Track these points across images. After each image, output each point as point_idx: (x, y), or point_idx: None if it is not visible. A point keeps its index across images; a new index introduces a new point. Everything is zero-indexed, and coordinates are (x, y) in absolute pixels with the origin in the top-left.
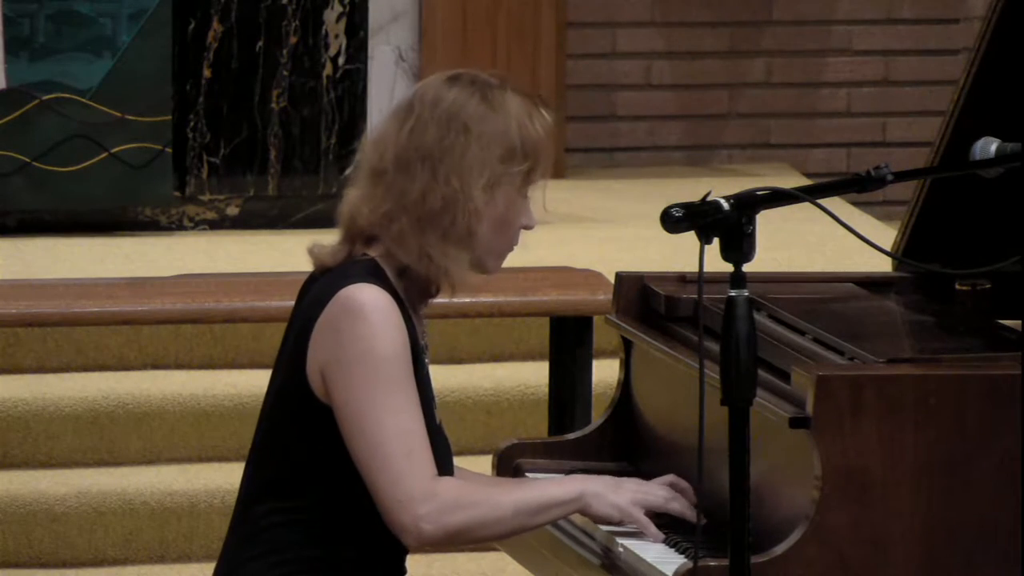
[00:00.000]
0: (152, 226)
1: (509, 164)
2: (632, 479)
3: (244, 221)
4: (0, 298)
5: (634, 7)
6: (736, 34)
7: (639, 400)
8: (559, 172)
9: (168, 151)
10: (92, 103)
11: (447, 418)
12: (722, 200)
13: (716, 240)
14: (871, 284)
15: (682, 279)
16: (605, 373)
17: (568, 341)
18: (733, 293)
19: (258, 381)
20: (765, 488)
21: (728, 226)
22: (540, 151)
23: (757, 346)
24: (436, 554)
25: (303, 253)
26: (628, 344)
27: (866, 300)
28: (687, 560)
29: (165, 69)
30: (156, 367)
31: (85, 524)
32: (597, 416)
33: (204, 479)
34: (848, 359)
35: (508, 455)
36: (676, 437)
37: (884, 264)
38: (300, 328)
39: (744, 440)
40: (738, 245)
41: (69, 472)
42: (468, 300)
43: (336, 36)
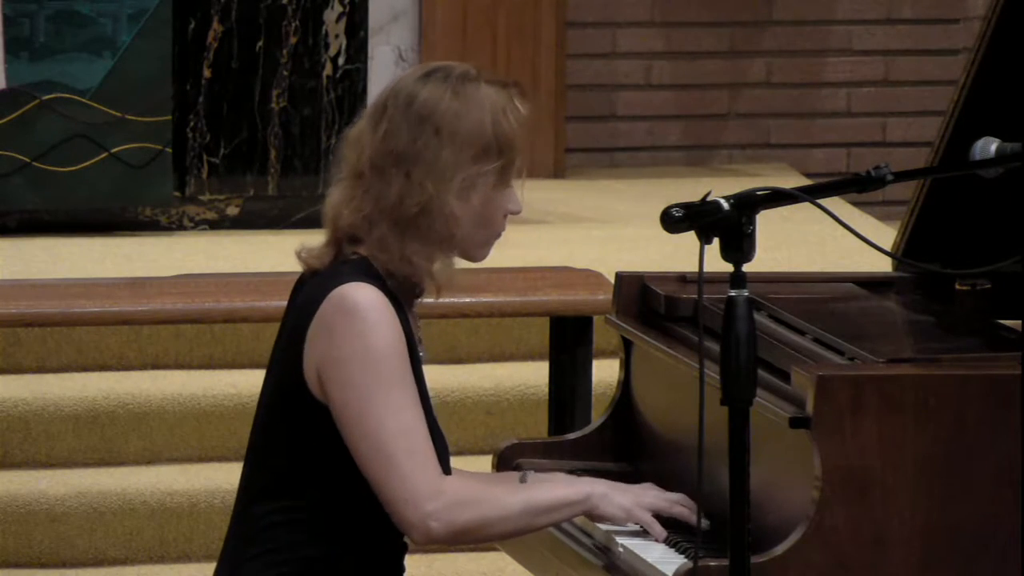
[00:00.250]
0: (152, 226)
1: (483, 162)
2: (639, 485)
3: (244, 221)
4: (0, 298)
5: (634, 7)
6: (736, 34)
7: (639, 400)
8: (559, 172)
9: (168, 151)
10: (92, 103)
11: (447, 418)
12: (722, 200)
13: (716, 240)
14: (871, 284)
15: (682, 279)
16: (605, 373)
17: (568, 341)
18: (733, 293)
19: (258, 381)
20: (765, 488)
21: (728, 226)
22: (515, 145)
23: (757, 346)
24: (436, 554)
25: None
26: (628, 344)
27: (866, 300)
28: (687, 560)
29: (165, 69)
30: (156, 367)
31: (85, 524)
32: (597, 416)
33: (204, 479)
34: (848, 359)
35: (508, 455)
36: (676, 437)
37: (884, 264)
38: (294, 328)
39: (744, 440)
40: (738, 245)
41: (69, 472)
42: (468, 300)
43: (336, 36)
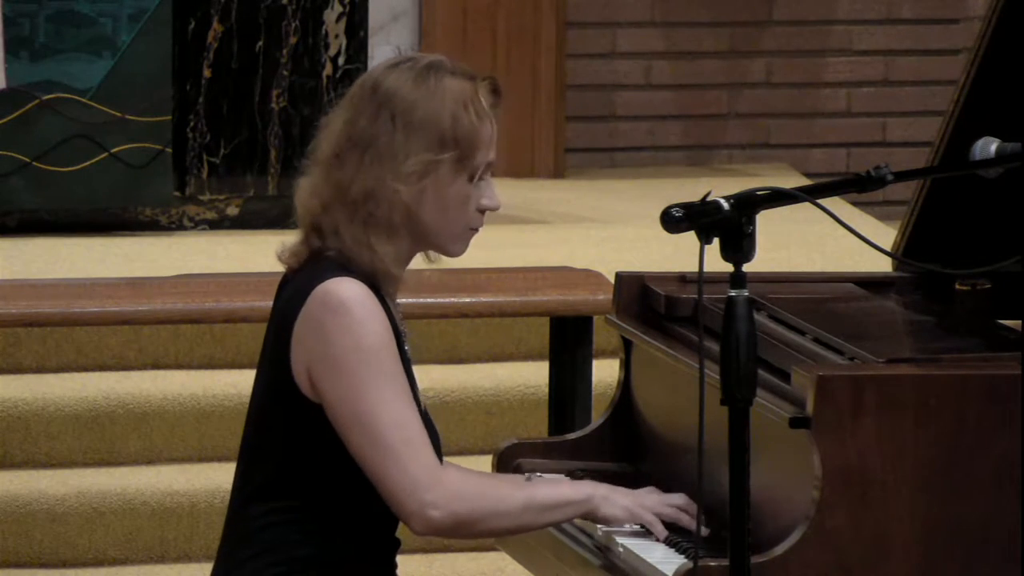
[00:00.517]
0: (152, 226)
1: (436, 151)
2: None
3: (244, 221)
4: (0, 298)
5: (634, 7)
6: (736, 34)
7: (639, 400)
8: (559, 172)
9: (168, 151)
10: (92, 103)
11: (447, 418)
12: (722, 200)
13: (716, 240)
14: (871, 284)
15: (682, 279)
16: (605, 373)
17: (568, 341)
18: (733, 293)
19: None
20: (765, 488)
21: (728, 226)
22: (474, 138)
23: (757, 346)
24: (436, 554)
25: None
26: (628, 344)
27: (866, 300)
28: (687, 560)
29: (165, 69)
30: (156, 367)
31: (85, 524)
32: (597, 416)
33: (204, 479)
34: (848, 359)
35: (508, 455)
36: (676, 437)
37: (884, 264)
38: (279, 329)
39: (744, 440)
40: (738, 245)
41: (69, 472)
42: (468, 300)
43: (336, 36)
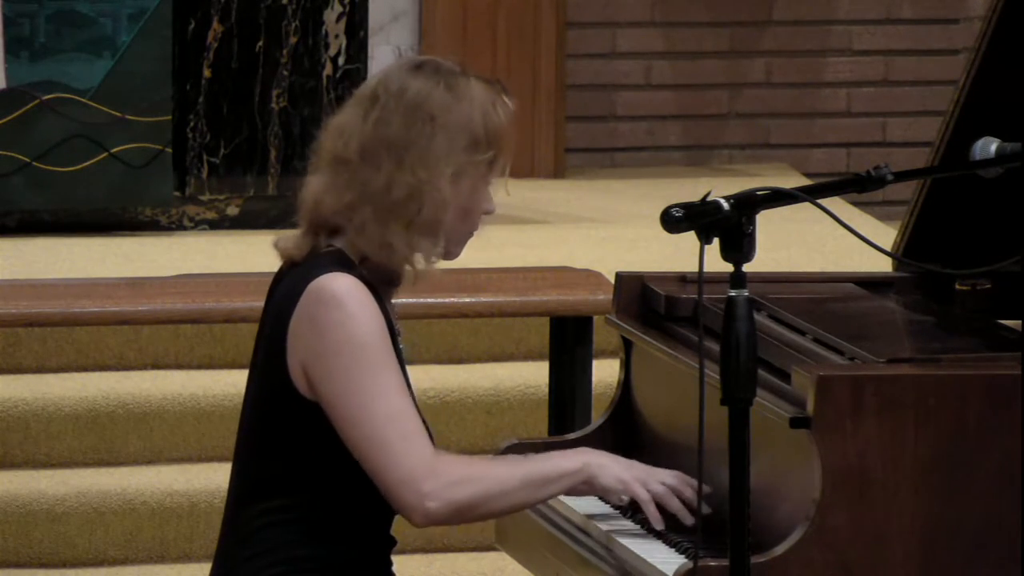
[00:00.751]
0: (152, 226)
1: (474, 153)
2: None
3: (244, 221)
4: (0, 298)
5: (634, 7)
6: (736, 34)
7: (639, 400)
8: (559, 172)
9: (168, 151)
10: (92, 103)
11: (447, 418)
12: (722, 200)
13: (716, 240)
14: (871, 284)
15: (682, 279)
16: (605, 373)
17: (568, 341)
18: (733, 293)
19: None
20: (765, 488)
21: (728, 226)
22: (503, 139)
23: (757, 346)
24: (436, 553)
25: None
26: (628, 344)
27: (866, 300)
28: (687, 560)
29: (165, 69)
30: (156, 367)
31: (85, 524)
32: (597, 416)
33: (204, 479)
34: (848, 359)
35: (508, 455)
36: (676, 437)
37: (884, 264)
38: (274, 325)
39: (744, 440)
40: (738, 245)
41: (69, 472)
42: (468, 300)
43: (336, 36)
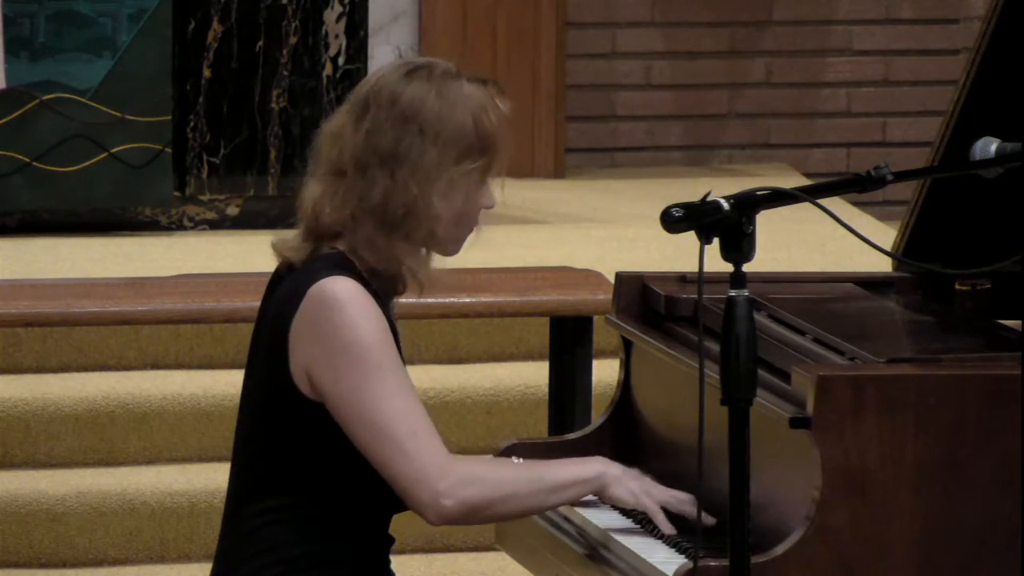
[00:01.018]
0: (152, 226)
1: (466, 162)
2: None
3: (244, 221)
4: (0, 298)
5: (634, 7)
6: (736, 34)
7: (639, 400)
8: (559, 172)
9: (168, 151)
10: (92, 103)
11: (447, 418)
12: (722, 200)
13: (716, 240)
14: (871, 284)
15: (682, 279)
16: (605, 373)
17: (568, 341)
18: (733, 293)
19: None
20: (765, 488)
21: (728, 226)
22: (497, 143)
23: (757, 346)
24: (436, 553)
25: None
26: (628, 344)
27: (866, 300)
28: (687, 560)
29: (165, 69)
30: (156, 367)
31: (85, 524)
32: (597, 416)
33: (204, 479)
34: (848, 359)
35: (508, 455)
36: (676, 437)
37: (884, 264)
38: (274, 327)
39: (744, 440)
40: (738, 245)
41: (69, 472)
42: (468, 300)
43: (336, 36)
